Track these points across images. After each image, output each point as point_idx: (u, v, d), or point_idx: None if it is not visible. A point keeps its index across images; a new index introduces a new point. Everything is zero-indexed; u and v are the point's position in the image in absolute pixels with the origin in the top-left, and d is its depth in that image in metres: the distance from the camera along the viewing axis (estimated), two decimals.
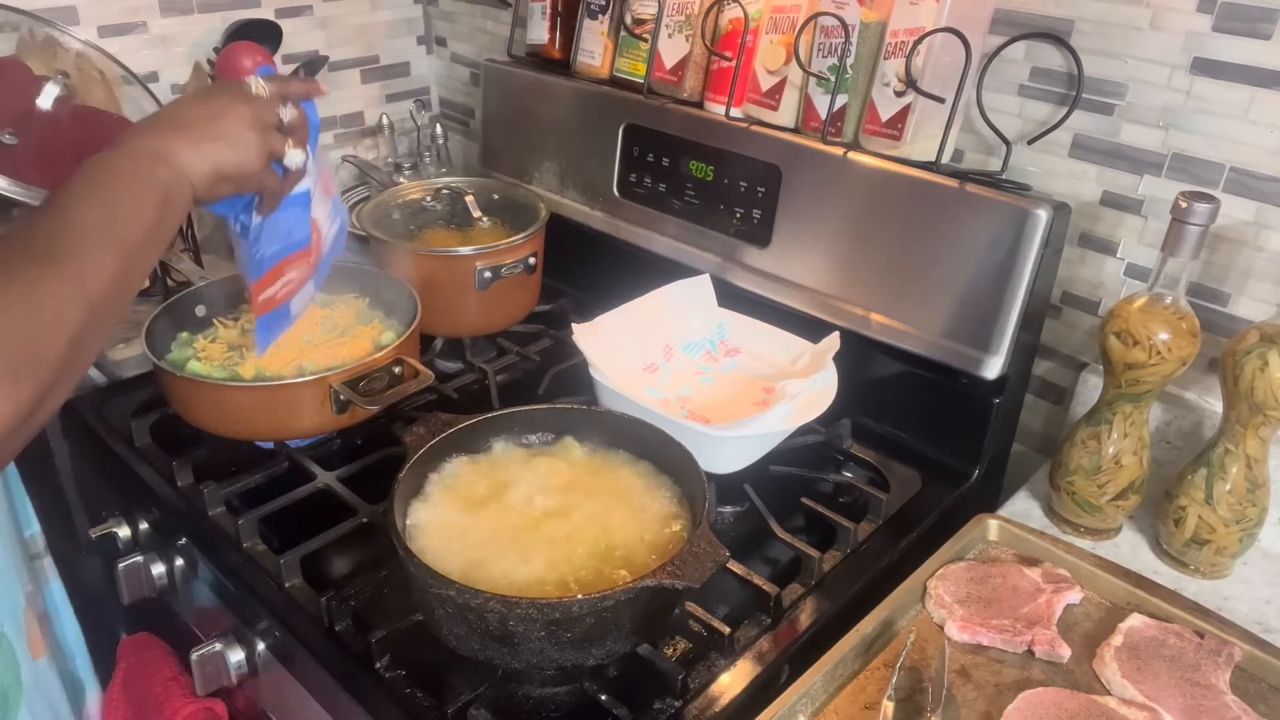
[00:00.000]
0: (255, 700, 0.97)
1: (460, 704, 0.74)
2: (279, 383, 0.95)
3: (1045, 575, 0.85)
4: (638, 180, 1.26)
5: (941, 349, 1.01)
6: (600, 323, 1.05)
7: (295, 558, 0.88)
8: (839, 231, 1.06)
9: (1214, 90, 0.89)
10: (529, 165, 1.40)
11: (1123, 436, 0.91)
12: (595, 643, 0.71)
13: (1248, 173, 0.89)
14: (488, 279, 1.15)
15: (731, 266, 1.17)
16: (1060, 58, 0.97)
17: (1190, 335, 0.86)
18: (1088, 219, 1.00)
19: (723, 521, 0.98)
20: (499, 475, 0.85)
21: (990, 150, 1.04)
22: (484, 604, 0.68)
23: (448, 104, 1.72)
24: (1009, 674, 0.77)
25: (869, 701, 0.75)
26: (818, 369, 1.01)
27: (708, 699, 0.76)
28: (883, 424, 1.09)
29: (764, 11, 1.10)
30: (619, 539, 0.78)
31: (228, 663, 0.90)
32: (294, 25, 1.47)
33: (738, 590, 0.87)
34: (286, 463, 1.02)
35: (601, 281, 1.29)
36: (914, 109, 0.98)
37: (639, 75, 1.23)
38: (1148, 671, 0.75)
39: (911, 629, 0.81)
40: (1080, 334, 1.05)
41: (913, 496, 1.01)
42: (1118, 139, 0.96)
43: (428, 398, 1.13)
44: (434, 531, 0.78)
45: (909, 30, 0.96)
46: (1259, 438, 0.86)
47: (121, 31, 1.32)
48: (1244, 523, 0.88)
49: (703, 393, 1.07)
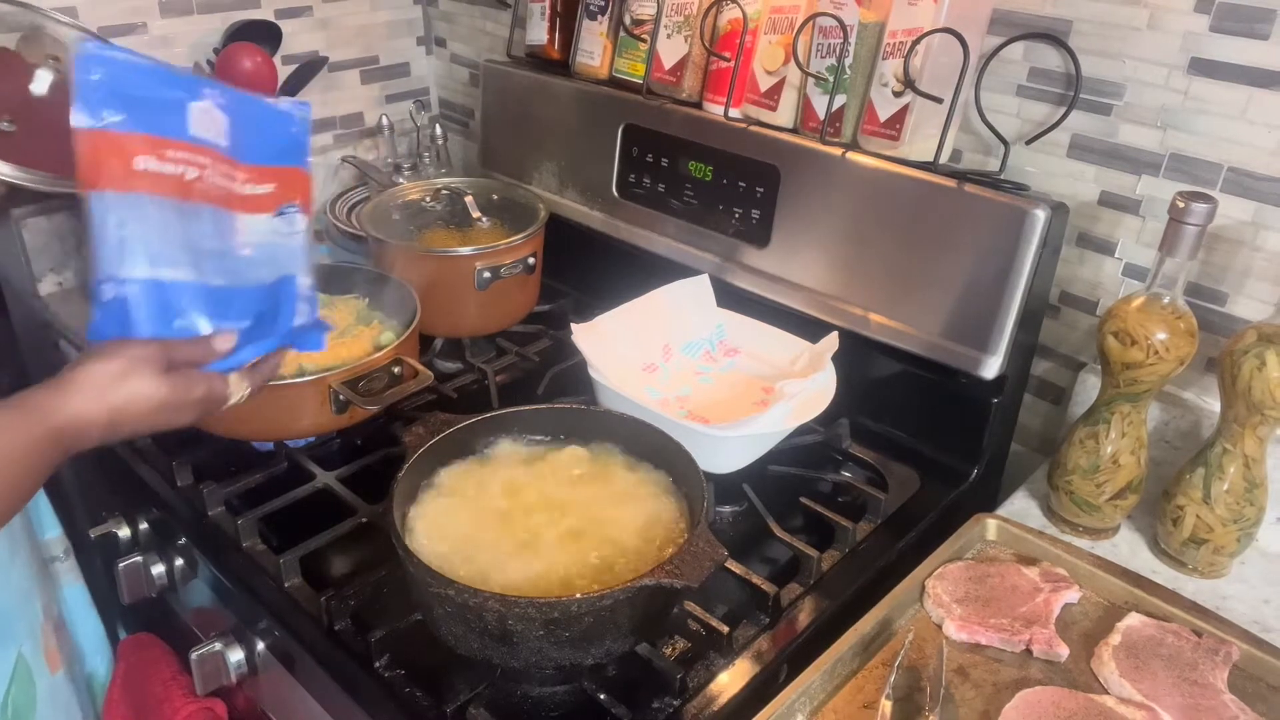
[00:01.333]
0: (255, 700, 0.97)
1: (459, 703, 0.74)
2: (279, 382, 0.94)
3: (1043, 574, 0.85)
4: (637, 180, 1.26)
5: (940, 349, 1.01)
6: (599, 323, 1.05)
7: (295, 558, 0.88)
8: (838, 232, 1.07)
9: (1212, 90, 0.89)
10: (528, 166, 1.40)
11: (1121, 436, 0.91)
12: (594, 642, 0.72)
13: (1245, 173, 0.90)
14: (487, 279, 1.15)
15: (730, 267, 1.17)
16: (1058, 58, 0.97)
17: (1188, 335, 0.86)
18: (1086, 219, 1.00)
19: (721, 521, 0.98)
20: (498, 475, 0.85)
21: (988, 150, 1.05)
22: (483, 603, 0.68)
23: (447, 104, 1.72)
24: (1007, 673, 0.77)
25: (867, 701, 0.75)
26: (816, 369, 1.01)
27: (706, 698, 0.77)
28: (881, 424, 1.09)
29: (762, 12, 1.10)
30: (618, 538, 0.78)
31: (227, 662, 0.90)
32: (294, 26, 1.47)
33: (736, 589, 0.87)
34: (286, 463, 1.02)
35: (601, 282, 1.29)
36: (912, 109, 0.98)
37: (638, 76, 1.23)
38: (1146, 671, 0.75)
39: (910, 628, 0.81)
40: (1078, 334, 1.06)
41: (911, 496, 1.01)
42: (1116, 139, 0.96)
43: (427, 398, 1.13)
44: (433, 531, 0.79)
45: (907, 30, 0.97)
46: (1257, 437, 0.86)
47: (121, 32, 1.32)
48: (1242, 522, 0.88)
49: (702, 393, 1.07)
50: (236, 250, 0.74)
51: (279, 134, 0.77)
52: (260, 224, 0.75)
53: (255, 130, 0.74)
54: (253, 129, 0.74)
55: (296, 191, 0.77)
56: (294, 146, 0.77)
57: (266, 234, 0.76)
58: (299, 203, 0.77)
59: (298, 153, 0.78)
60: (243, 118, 0.73)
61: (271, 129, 0.76)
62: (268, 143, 0.76)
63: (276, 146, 0.77)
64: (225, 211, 0.73)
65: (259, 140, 0.75)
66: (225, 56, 1.31)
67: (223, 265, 0.72)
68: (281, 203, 0.77)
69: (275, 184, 0.76)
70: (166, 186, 0.68)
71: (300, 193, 0.78)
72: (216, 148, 0.71)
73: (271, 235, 0.76)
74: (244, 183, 0.74)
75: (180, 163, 0.69)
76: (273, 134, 0.76)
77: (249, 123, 0.74)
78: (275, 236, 0.76)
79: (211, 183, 0.71)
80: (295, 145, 0.77)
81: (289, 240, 0.77)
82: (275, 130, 0.76)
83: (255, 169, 0.75)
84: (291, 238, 0.77)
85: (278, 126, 0.77)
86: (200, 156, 0.70)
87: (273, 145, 0.76)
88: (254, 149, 0.74)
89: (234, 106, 0.73)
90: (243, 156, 0.74)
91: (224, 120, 0.72)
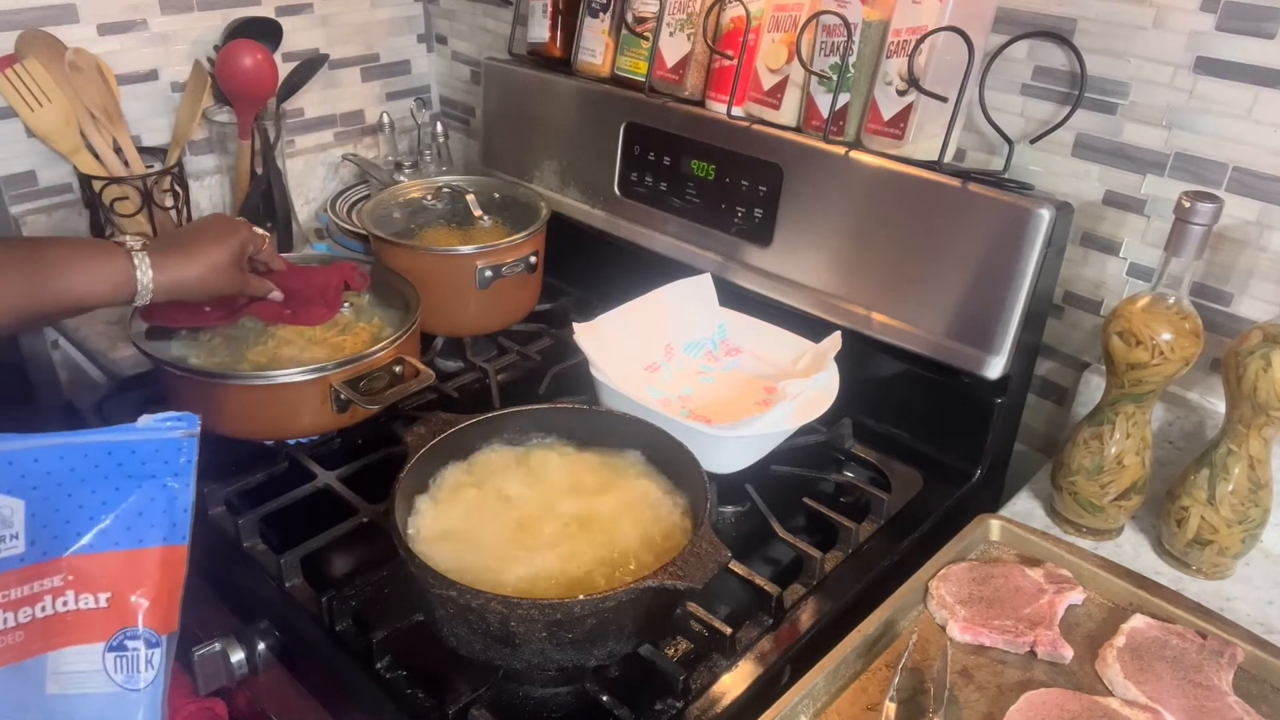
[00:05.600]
0: (255, 700, 0.97)
1: (461, 705, 0.74)
2: (279, 381, 0.94)
3: (1047, 576, 0.85)
4: (639, 179, 1.25)
5: (943, 349, 1.00)
6: (601, 322, 1.04)
7: (296, 557, 0.88)
8: (841, 231, 1.06)
9: (1217, 90, 0.89)
10: (530, 164, 1.40)
11: (1125, 437, 0.91)
12: (597, 643, 0.71)
13: (1251, 172, 0.89)
14: (488, 278, 1.15)
15: (733, 266, 1.17)
16: (1063, 57, 0.96)
17: (1193, 335, 0.85)
18: (1090, 218, 1.00)
19: (724, 521, 0.98)
20: (499, 476, 0.85)
21: (993, 150, 1.04)
22: (485, 605, 0.67)
23: (448, 102, 1.71)
24: (1011, 675, 0.77)
25: (871, 702, 0.74)
26: (819, 369, 1.00)
27: (709, 700, 0.76)
28: (884, 424, 1.09)
29: (766, 10, 1.10)
30: (620, 539, 0.78)
31: (228, 662, 0.90)
32: (294, 23, 1.46)
33: (739, 590, 0.87)
34: (287, 462, 1.02)
35: (602, 280, 1.29)
36: (916, 108, 0.98)
37: (640, 74, 1.22)
38: (1150, 672, 0.75)
39: (913, 630, 0.81)
40: (1082, 334, 1.05)
41: (914, 496, 1.01)
42: (1120, 138, 0.96)
43: (428, 397, 1.13)
44: (435, 531, 0.78)
45: (911, 29, 0.96)
46: (1262, 438, 0.86)
47: (121, 29, 1.31)
48: (1246, 523, 0.88)
49: (704, 392, 1.07)
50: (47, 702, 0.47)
51: (125, 486, 0.48)
52: (86, 663, 0.48)
53: (82, 484, 0.47)
54: (78, 482, 0.47)
55: (149, 595, 0.47)
56: (155, 508, 0.47)
57: (95, 685, 0.47)
58: (151, 623, 0.47)
59: (162, 518, 0.47)
60: (63, 469, 0.46)
61: (112, 476, 0.48)
62: (101, 505, 0.48)
63: (121, 511, 0.48)
64: (33, 661, 0.47)
65: (83, 502, 0.47)
66: (225, 54, 1.31)
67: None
68: (121, 624, 0.46)
69: (112, 587, 0.46)
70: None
71: (157, 599, 0.47)
72: (10, 563, 0.45)
73: (102, 687, 0.48)
74: (58, 593, 0.46)
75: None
76: (112, 487, 0.47)
77: (73, 473, 0.47)
78: (107, 690, 0.48)
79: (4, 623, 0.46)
80: (159, 505, 0.48)
81: (126, 700, 0.48)
82: (120, 478, 0.48)
83: (78, 559, 0.47)
84: (129, 693, 0.48)
85: (123, 469, 0.48)
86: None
87: (112, 509, 0.48)
88: (74, 522, 0.47)
89: (37, 469, 0.45)
90: (55, 544, 0.47)
91: (17, 510, 0.45)
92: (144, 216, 1.29)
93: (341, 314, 1.07)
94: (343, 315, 1.07)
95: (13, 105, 1.21)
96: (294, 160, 1.52)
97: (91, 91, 1.25)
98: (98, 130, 1.27)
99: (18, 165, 1.28)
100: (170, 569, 0.48)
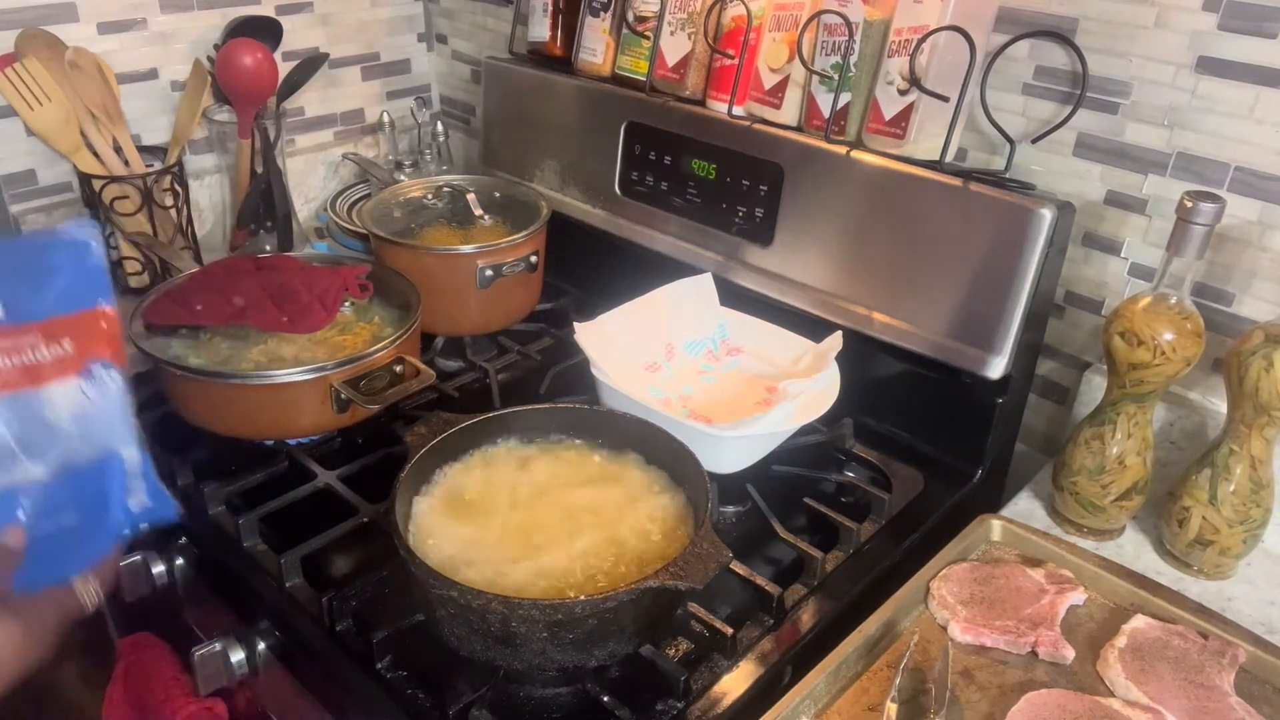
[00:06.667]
0: (256, 700, 0.97)
1: (462, 705, 0.74)
2: (279, 381, 0.94)
3: (1048, 576, 0.84)
4: (639, 179, 1.25)
5: (944, 349, 1.00)
6: (602, 321, 1.04)
7: (296, 557, 0.87)
8: (842, 230, 1.06)
9: (1219, 89, 0.89)
10: (530, 163, 1.39)
11: (1126, 437, 0.90)
12: (597, 644, 0.71)
13: (1253, 172, 0.89)
14: (489, 277, 1.15)
15: (734, 265, 1.17)
16: (1065, 56, 0.96)
17: (1195, 335, 0.85)
18: (1092, 218, 1.00)
19: (725, 521, 0.98)
20: (500, 475, 0.85)
21: (994, 149, 1.04)
22: (486, 605, 0.67)
23: (448, 101, 1.71)
24: (1012, 675, 0.77)
25: (872, 703, 0.74)
26: (820, 368, 1.00)
27: (710, 700, 0.76)
28: (885, 424, 1.08)
29: (767, 9, 1.10)
30: (621, 539, 0.78)
31: (228, 662, 0.90)
32: (294, 22, 1.46)
33: (740, 591, 0.87)
34: (287, 462, 1.01)
35: (603, 280, 1.29)
36: (917, 107, 0.98)
37: (641, 73, 1.22)
38: (1151, 673, 0.75)
39: (914, 630, 0.81)
40: (1084, 334, 1.05)
41: (915, 497, 1.01)
42: (1122, 138, 0.96)
43: (429, 397, 1.12)
44: (435, 531, 0.78)
45: (913, 28, 0.96)
46: (1263, 438, 0.85)
47: (121, 28, 1.31)
48: (1248, 524, 0.87)
49: (705, 392, 1.06)
50: (55, 430, 0.61)
51: (57, 274, 0.63)
52: (69, 392, 0.62)
53: (27, 278, 0.62)
54: (24, 278, 0.62)
55: (99, 341, 0.63)
56: (82, 283, 0.63)
57: (79, 402, 0.62)
58: (106, 356, 0.63)
59: (90, 290, 0.63)
60: (8, 269, 0.61)
61: (46, 270, 0.62)
62: (47, 288, 0.62)
63: (59, 290, 0.62)
64: (31, 391, 0.60)
65: (35, 288, 0.62)
66: (226, 53, 1.30)
67: (45, 453, 0.60)
68: (85, 360, 0.62)
69: (71, 337, 0.62)
70: None
71: (105, 342, 0.63)
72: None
73: (83, 403, 0.62)
74: (36, 347, 0.61)
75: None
76: (50, 276, 0.62)
77: (17, 272, 0.62)
78: (87, 404, 0.62)
79: (4, 365, 0.59)
80: (84, 281, 0.63)
81: (103, 406, 0.62)
82: (51, 270, 0.63)
83: (44, 325, 0.61)
84: (106, 402, 0.63)
85: (52, 264, 0.63)
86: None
87: (55, 290, 0.62)
88: (34, 301, 0.61)
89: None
90: (24, 315, 0.61)
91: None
92: (144, 215, 1.29)
93: (342, 313, 1.07)
94: (343, 315, 1.07)
95: (12, 104, 1.21)
96: (294, 159, 1.52)
97: (91, 90, 1.25)
98: (98, 129, 1.27)
99: (17, 164, 1.28)
100: (110, 322, 0.64)
